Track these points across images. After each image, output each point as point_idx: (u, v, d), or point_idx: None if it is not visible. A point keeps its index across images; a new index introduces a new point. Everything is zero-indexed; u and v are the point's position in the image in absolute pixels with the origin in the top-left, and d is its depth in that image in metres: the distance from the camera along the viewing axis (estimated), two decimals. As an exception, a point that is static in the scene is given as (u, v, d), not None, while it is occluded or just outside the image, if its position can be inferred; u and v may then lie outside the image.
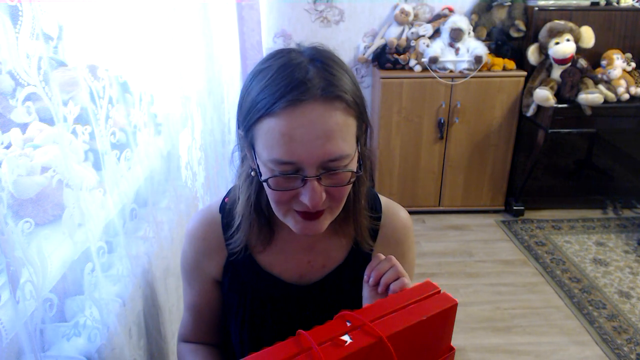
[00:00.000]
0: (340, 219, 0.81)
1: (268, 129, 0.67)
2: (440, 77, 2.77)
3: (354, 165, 0.71)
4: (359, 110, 0.71)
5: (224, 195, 0.88)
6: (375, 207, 0.88)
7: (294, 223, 0.74)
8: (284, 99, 0.65)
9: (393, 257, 0.76)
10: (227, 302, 0.90)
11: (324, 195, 0.69)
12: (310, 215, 0.72)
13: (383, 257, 0.76)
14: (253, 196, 0.79)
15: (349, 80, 0.70)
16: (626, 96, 2.69)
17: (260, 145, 0.69)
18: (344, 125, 0.67)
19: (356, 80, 0.74)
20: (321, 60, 0.69)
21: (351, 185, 0.73)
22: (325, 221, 0.74)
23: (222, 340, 0.97)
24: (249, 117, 0.70)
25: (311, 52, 0.71)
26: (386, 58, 2.85)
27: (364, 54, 3.04)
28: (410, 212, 0.92)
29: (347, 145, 0.68)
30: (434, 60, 2.76)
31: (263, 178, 0.70)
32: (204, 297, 0.91)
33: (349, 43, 3.08)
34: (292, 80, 0.66)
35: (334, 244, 0.86)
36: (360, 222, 0.83)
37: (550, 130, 2.69)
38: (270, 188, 0.70)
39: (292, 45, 0.74)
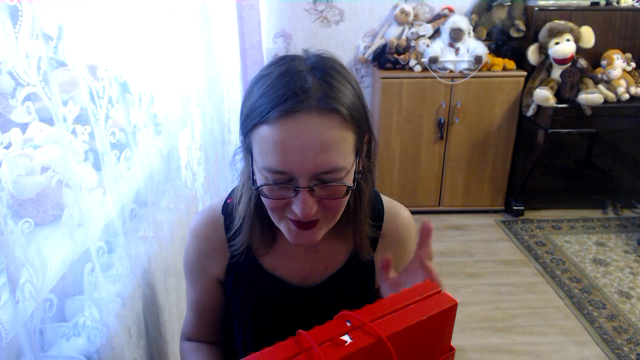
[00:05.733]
0: (341, 226, 0.81)
1: (263, 137, 0.67)
2: (440, 77, 2.77)
3: (349, 178, 0.70)
4: (357, 124, 0.69)
5: (227, 195, 0.88)
6: (378, 212, 0.87)
7: (287, 231, 0.74)
8: (278, 108, 0.65)
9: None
10: (230, 302, 0.90)
11: (315, 206, 0.68)
12: (304, 225, 0.72)
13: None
14: (254, 198, 0.79)
15: (350, 91, 0.69)
16: (626, 96, 2.68)
17: (256, 151, 0.69)
18: (339, 138, 0.66)
19: (360, 92, 0.72)
20: (322, 70, 0.68)
21: (346, 198, 0.72)
22: (320, 231, 0.74)
23: (225, 339, 0.97)
24: (247, 123, 0.70)
25: (314, 61, 0.70)
26: (386, 58, 2.85)
27: (364, 54, 3.04)
28: (410, 212, 0.92)
29: (341, 158, 0.67)
30: (434, 60, 2.75)
31: (256, 185, 0.71)
32: (206, 296, 0.91)
33: (349, 43, 3.08)
34: (288, 90, 0.65)
35: (336, 247, 0.86)
36: (361, 231, 0.83)
37: (550, 130, 2.69)
38: (263, 196, 0.71)
39: (298, 49, 0.74)
